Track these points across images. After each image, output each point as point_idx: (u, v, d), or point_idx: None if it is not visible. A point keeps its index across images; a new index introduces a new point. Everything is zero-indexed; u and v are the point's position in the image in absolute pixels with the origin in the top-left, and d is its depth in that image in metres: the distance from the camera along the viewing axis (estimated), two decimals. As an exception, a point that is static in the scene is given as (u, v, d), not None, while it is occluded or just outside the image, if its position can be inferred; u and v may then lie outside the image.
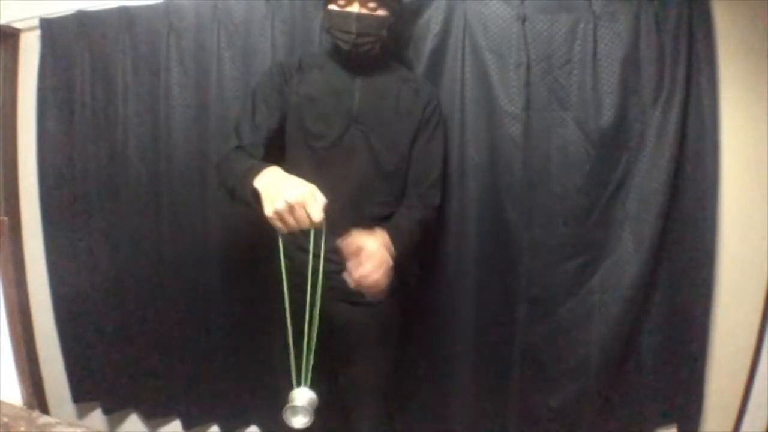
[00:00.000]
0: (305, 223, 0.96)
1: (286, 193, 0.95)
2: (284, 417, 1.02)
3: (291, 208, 0.95)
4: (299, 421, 1.02)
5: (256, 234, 1.59)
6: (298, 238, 1.04)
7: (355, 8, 1.22)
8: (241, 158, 1.15)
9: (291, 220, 0.96)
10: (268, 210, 0.97)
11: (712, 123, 1.40)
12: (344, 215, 1.26)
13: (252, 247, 1.61)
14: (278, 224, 0.97)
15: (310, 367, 1.05)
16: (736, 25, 1.40)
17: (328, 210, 0.97)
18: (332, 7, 1.24)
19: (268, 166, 1.06)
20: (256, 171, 1.04)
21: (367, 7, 1.22)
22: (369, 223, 1.28)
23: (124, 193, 1.73)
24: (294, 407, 1.02)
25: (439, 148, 1.37)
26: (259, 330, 1.62)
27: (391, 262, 1.11)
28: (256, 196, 1.01)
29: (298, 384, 1.05)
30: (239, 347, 1.69)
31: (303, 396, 1.04)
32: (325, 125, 1.27)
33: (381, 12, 1.24)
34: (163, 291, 1.73)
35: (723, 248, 1.46)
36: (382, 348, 1.37)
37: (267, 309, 1.45)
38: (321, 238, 0.98)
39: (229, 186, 1.15)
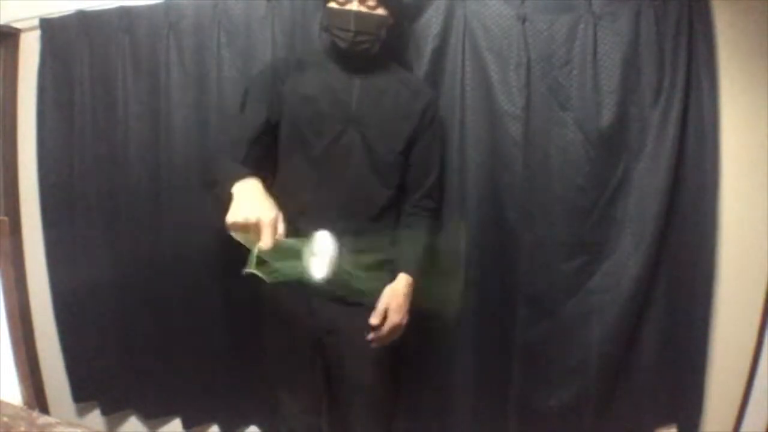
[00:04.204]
0: (251, 245, 0.99)
1: (249, 211, 0.99)
2: (305, 267, 0.99)
3: (245, 226, 0.98)
4: (320, 270, 0.99)
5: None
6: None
7: (354, 6, 1.22)
8: (228, 160, 1.20)
9: (242, 235, 1.00)
10: (229, 217, 1.00)
11: (712, 123, 1.40)
12: (340, 214, 1.27)
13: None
14: (231, 230, 1.01)
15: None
16: (736, 25, 1.40)
17: (281, 239, 0.99)
18: (332, 5, 1.24)
19: (252, 177, 1.09)
20: (240, 176, 1.08)
21: (366, 5, 1.23)
22: (364, 221, 1.29)
23: (124, 192, 1.73)
24: (313, 252, 0.99)
25: (437, 153, 1.39)
26: (259, 330, 1.61)
27: (406, 320, 1.29)
28: (229, 199, 1.05)
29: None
30: (239, 347, 1.69)
31: (324, 240, 1.00)
32: (322, 125, 1.27)
33: (380, 11, 1.24)
34: (162, 291, 1.73)
35: (723, 248, 1.46)
36: (381, 348, 1.37)
37: (266, 310, 1.45)
38: (267, 261, 1.00)
39: (211, 182, 1.18)
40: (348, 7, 1.22)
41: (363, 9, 1.23)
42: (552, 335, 1.52)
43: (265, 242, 0.97)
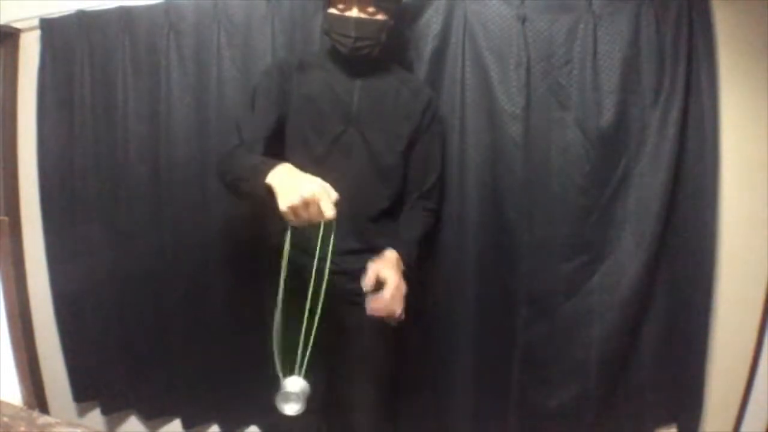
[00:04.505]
0: (318, 218, 0.98)
1: (300, 189, 0.97)
2: (276, 403, 1.04)
3: (305, 204, 0.97)
4: (291, 407, 1.04)
5: (256, 234, 1.60)
6: (301, 242, 1.05)
7: (354, 13, 1.22)
8: (246, 154, 1.18)
9: (304, 215, 0.98)
10: (283, 204, 0.99)
11: (712, 123, 1.40)
12: (342, 215, 1.27)
13: (252, 247, 1.61)
14: (291, 218, 0.99)
15: (306, 356, 1.06)
16: (736, 25, 1.40)
17: (339, 205, 0.99)
18: (332, 11, 1.24)
19: (280, 162, 1.07)
20: (268, 167, 1.05)
21: (366, 12, 1.23)
22: (364, 222, 1.29)
23: (124, 192, 1.73)
24: (286, 393, 1.04)
25: (437, 152, 1.39)
26: (260, 330, 1.61)
27: (405, 290, 1.20)
28: (268, 190, 1.03)
29: (291, 373, 1.06)
30: (239, 347, 1.69)
31: (295, 384, 1.05)
32: (323, 125, 1.28)
33: (380, 16, 1.24)
34: (163, 291, 1.73)
35: (723, 248, 1.46)
36: (382, 348, 1.37)
37: (267, 309, 1.45)
38: (331, 233, 1.01)
39: (233, 180, 1.16)
40: (348, 13, 1.23)
41: (363, 15, 1.23)
42: (552, 335, 1.52)
43: (328, 211, 0.96)
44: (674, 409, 1.53)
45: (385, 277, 1.17)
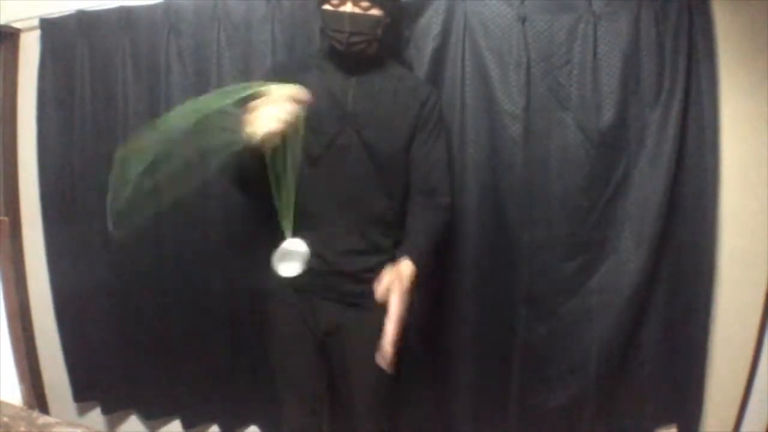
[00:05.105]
0: (287, 122, 1.03)
1: (261, 114, 1.04)
2: (273, 263, 1.03)
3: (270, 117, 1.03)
4: (290, 267, 1.04)
5: (256, 235, 1.60)
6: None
7: (348, 8, 1.22)
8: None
9: (274, 125, 1.03)
10: (257, 129, 1.02)
11: (712, 122, 1.40)
12: (341, 215, 1.27)
13: (252, 247, 1.61)
14: (267, 140, 1.04)
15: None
16: (736, 24, 1.40)
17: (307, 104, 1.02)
18: (326, 6, 1.24)
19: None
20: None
21: (359, 6, 1.22)
22: (365, 221, 1.28)
23: (124, 193, 1.73)
24: (285, 252, 1.03)
25: (442, 147, 1.36)
26: (260, 330, 1.61)
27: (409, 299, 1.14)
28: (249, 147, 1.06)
29: (289, 235, 1.07)
30: (239, 348, 1.69)
31: (295, 243, 1.05)
32: (320, 125, 1.27)
33: (374, 11, 1.24)
34: (163, 291, 1.73)
35: (723, 248, 1.46)
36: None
37: (267, 310, 1.45)
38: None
39: (230, 177, 1.22)
40: (342, 9, 1.22)
41: (357, 10, 1.22)
42: (552, 335, 1.52)
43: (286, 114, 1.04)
44: (674, 409, 1.54)
45: (393, 305, 1.11)
